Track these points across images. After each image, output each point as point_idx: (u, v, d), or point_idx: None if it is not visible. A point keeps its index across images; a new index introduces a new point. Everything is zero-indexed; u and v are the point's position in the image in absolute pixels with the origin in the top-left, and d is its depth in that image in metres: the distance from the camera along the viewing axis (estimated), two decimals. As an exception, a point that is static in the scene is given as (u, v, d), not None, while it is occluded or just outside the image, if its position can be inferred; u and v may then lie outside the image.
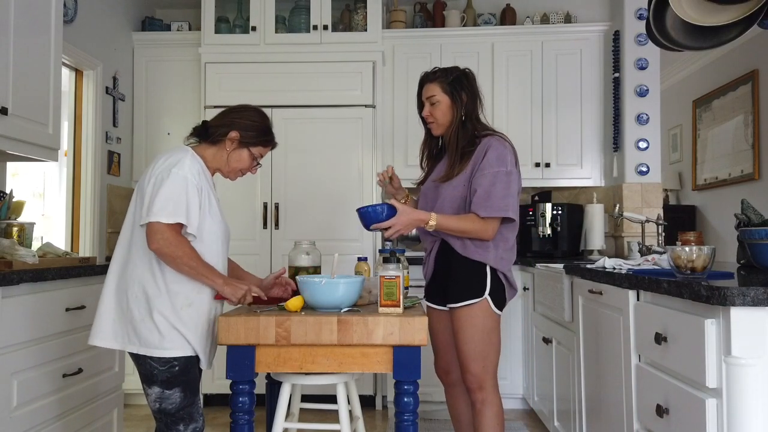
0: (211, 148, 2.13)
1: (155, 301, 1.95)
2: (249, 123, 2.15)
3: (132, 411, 3.91)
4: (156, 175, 1.97)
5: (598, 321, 2.39)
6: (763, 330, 1.41)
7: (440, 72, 2.41)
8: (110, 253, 4.06)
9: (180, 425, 1.99)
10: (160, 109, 4.40)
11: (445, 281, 2.37)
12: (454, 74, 2.40)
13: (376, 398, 4.05)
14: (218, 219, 2.09)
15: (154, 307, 1.94)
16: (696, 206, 5.87)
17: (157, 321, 1.94)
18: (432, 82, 2.40)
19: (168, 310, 1.95)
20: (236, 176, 2.21)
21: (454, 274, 2.33)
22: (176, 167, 1.97)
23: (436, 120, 2.42)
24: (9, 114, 2.49)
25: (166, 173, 1.96)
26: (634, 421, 2.00)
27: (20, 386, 2.17)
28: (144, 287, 1.96)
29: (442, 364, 2.50)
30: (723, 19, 2.22)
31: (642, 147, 4.09)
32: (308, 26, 4.15)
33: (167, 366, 1.95)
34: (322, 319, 1.92)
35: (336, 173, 4.06)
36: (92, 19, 3.93)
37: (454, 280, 2.32)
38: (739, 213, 2.21)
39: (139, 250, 1.99)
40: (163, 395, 1.97)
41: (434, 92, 2.39)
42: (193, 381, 2.01)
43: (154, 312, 1.94)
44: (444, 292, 2.37)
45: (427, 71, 2.47)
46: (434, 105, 2.39)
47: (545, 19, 4.39)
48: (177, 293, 1.97)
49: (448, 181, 2.35)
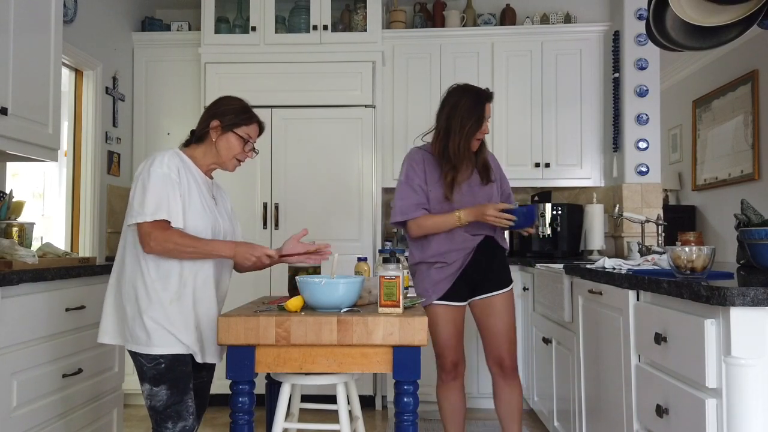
0: (199, 147, 2.17)
1: (143, 300, 2.00)
2: (225, 108, 2.17)
3: (132, 411, 3.91)
4: (137, 178, 2.04)
5: (598, 321, 2.39)
6: (762, 330, 1.41)
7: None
8: (110, 253, 4.07)
9: (168, 422, 2.00)
10: (160, 109, 4.40)
11: (479, 274, 2.61)
12: None
13: (376, 398, 4.05)
14: (201, 214, 2.08)
15: (142, 305, 2.00)
16: (696, 206, 5.87)
17: (144, 319, 1.99)
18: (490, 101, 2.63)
19: (156, 307, 1.99)
20: (234, 165, 2.21)
21: (496, 264, 2.65)
22: (153, 165, 2.01)
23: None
24: (9, 114, 2.49)
25: (146, 174, 2.01)
26: (633, 421, 2.00)
27: (20, 386, 2.17)
28: (134, 285, 2.02)
29: (453, 358, 2.64)
30: (723, 19, 2.22)
31: (642, 147, 4.10)
32: (308, 26, 4.15)
33: (154, 363, 1.99)
34: (322, 320, 1.92)
35: (336, 173, 4.06)
36: (92, 19, 3.93)
37: (495, 270, 2.64)
38: (739, 213, 2.21)
39: (130, 250, 2.05)
40: (151, 392, 2.01)
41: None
42: (182, 379, 2.02)
43: (142, 309, 1.99)
44: (473, 285, 2.62)
45: (487, 89, 2.66)
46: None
47: (545, 19, 4.40)
48: (164, 290, 2.01)
49: (488, 184, 2.65)
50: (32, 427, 2.24)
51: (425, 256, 2.63)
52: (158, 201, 1.97)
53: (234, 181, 3.95)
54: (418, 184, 2.60)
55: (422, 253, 2.65)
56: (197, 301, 2.06)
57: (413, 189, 2.60)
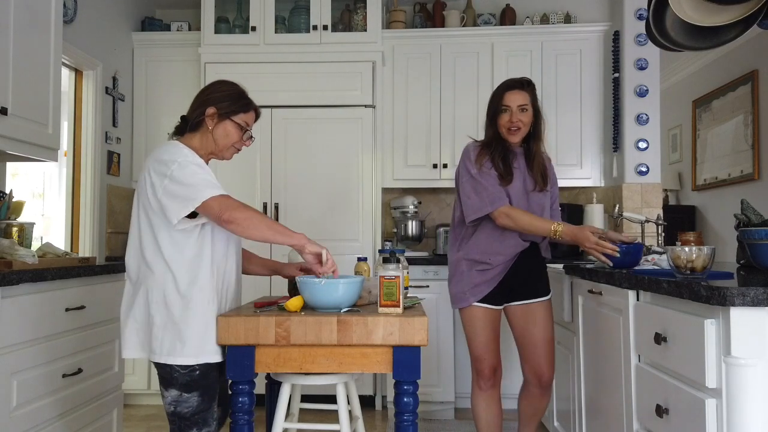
0: (195, 136, 2.04)
1: (175, 307, 1.91)
2: (220, 94, 2.04)
3: (132, 411, 3.91)
4: (161, 172, 1.89)
5: (598, 321, 2.39)
6: (762, 330, 1.41)
7: (530, 82, 2.56)
8: (110, 253, 4.07)
9: (193, 429, 1.95)
10: (160, 109, 4.40)
11: (517, 279, 2.55)
12: (535, 87, 2.58)
13: (375, 398, 4.05)
14: None
15: (175, 312, 1.90)
16: (696, 206, 5.87)
17: (181, 326, 1.90)
18: (524, 90, 2.52)
19: (191, 313, 1.91)
20: (230, 153, 2.10)
21: (536, 271, 2.59)
22: (180, 157, 1.90)
23: (524, 127, 2.53)
24: (9, 114, 2.49)
25: (174, 164, 1.88)
26: (633, 421, 2.00)
27: (20, 386, 2.17)
28: (164, 292, 1.92)
29: (492, 362, 2.56)
30: (723, 19, 2.22)
31: (642, 147, 4.10)
32: (308, 26, 4.15)
33: (188, 370, 1.91)
34: (322, 320, 1.92)
35: (336, 173, 4.06)
36: (92, 20, 3.93)
37: (534, 277, 2.58)
38: (739, 213, 2.21)
39: (160, 253, 1.92)
40: (180, 398, 1.93)
41: (526, 101, 2.52)
42: (213, 386, 1.97)
43: (176, 317, 1.90)
44: (509, 289, 2.55)
45: (514, 78, 2.57)
46: (524, 113, 2.51)
47: (545, 20, 4.40)
48: (200, 292, 1.93)
49: (542, 192, 2.57)
50: (32, 427, 2.24)
51: (469, 253, 2.54)
52: (206, 179, 1.88)
53: (234, 180, 3.96)
54: (485, 173, 2.50)
55: (466, 250, 2.56)
56: (226, 303, 2.04)
57: (488, 179, 2.49)
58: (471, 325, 2.54)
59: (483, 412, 2.59)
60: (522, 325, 2.58)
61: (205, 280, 1.95)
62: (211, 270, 1.97)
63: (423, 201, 4.57)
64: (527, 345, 2.59)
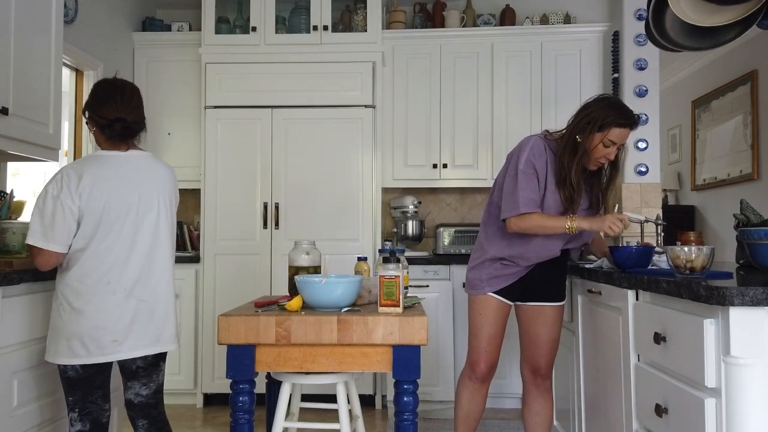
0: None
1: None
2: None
3: (132, 411, 3.91)
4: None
5: (598, 321, 2.39)
6: (761, 330, 1.41)
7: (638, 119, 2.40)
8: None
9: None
10: (160, 110, 4.39)
11: (533, 279, 2.51)
12: None
13: (375, 398, 4.05)
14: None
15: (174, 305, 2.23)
16: (695, 206, 5.87)
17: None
18: (633, 129, 2.37)
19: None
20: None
21: (555, 275, 2.56)
22: None
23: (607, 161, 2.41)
24: (9, 114, 2.49)
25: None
26: (633, 421, 2.00)
27: (20, 386, 2.17)
28: (172, 285, 2.24)
29: (491, 361, 2.53)
30: (722, 19, 2.22)
31: (641, 147, 4.10)
32: (308, 27, 4.16)
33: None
34: (322, 319, 1.92)
35: (336, 173, 4.06)
36: (93, 20, 3.93)
37: (552, 280, 2.55)
38: (738, 213, 2.21)
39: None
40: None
41: (627, 139, 2.38)
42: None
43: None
44: (524, 288, 2.52)
45: (631, 115, 2.36)
46: (619, 150, 2.39)
47: (545, 20, 4.40)
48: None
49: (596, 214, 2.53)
50: (32, 426, 2.24)
51: (503, 254, 2.46)
52: None
53: (234, 180, 3.96)
54: (537, 177, 2.36)
55: (501, 251, 2.47)
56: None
57: (535, 182, 2.36)
58: (481, 314, 2.50)
59: (466, 402, 2.58)
60: (529, 324, 2.57)
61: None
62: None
63: (423, 201, 4.58)
64: (529, 342, 2.58)
